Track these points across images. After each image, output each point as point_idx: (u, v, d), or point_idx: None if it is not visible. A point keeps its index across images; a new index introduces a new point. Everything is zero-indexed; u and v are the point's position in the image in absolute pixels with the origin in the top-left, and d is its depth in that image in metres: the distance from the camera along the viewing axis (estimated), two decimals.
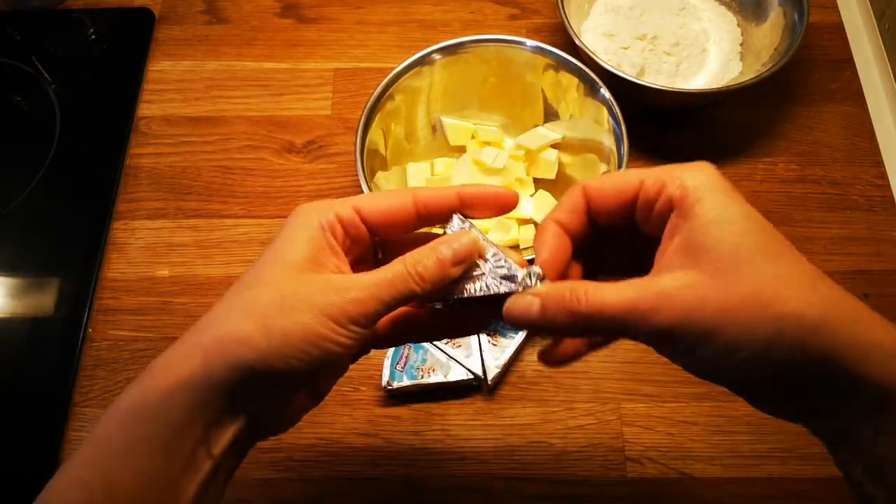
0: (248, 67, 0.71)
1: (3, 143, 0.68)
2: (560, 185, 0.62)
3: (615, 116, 0.56)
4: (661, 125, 0.67)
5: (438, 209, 0.34)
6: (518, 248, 0.60)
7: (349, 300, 0.30)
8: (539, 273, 0.32)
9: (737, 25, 0.70)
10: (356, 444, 0.54)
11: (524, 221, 0.61)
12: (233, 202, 0.64)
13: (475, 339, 0.55)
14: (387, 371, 0.54)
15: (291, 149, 0.67)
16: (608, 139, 0.57)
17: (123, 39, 0.73)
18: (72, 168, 0.66)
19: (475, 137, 0.64)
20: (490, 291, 0.32)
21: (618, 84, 0.59)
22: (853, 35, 0.72)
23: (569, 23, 0.63)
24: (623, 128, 0.55)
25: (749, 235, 0.28)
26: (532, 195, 0.62)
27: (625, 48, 0.67)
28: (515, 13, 0.74)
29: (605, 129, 0.57)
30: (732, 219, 0.28)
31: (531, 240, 0.60)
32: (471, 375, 0.54)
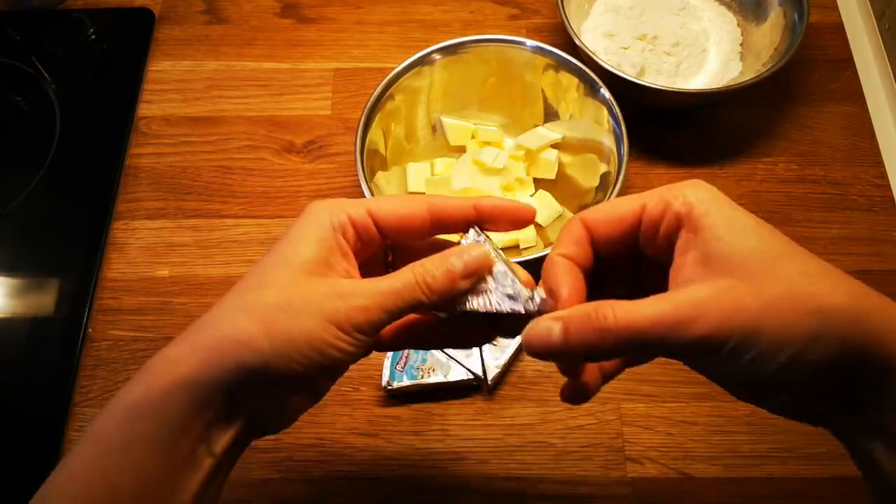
0: (248, 67, 0.72)
1: (3, 143, 0.68)
2: (560, 185, 0.62)
3: (615, 116, 0.56)
4: (661, 125, 0.67)
5: (454, 219, 0.34)
6: (518, 248, 0.60)
7: (355, 308, 0.30)
8: (542, 296, 0.31)
9: (737, 25, 0.70)
10: (356, 444, 0.54)
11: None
12: (233, 202, 0.64)
13: None
14: (387, 371, 0.54)
15: (291, 149, 0.67)
16: (608, 139, 0.57)
17: (123, 39, 0.73)
18: (72, 168, 0.66)
19: (475, 137, 0.64)
20: (492, 309, 0.32)
21: (618, 84, 0.59)
22: (853, 35, 0.72)
23: (569, 23, 0.63)
24: (623, 128, 0.55)
25: (766, 239, 0.28)
26: (532, 195, 0.62)
27: (625, 48, 0.67)
28: (515, 13, 0.74)
29: (605, 129, 0.57)
30: (744, 226, 0.28)
31: (531, 239, 0.60)
32: (471, 375, 0.54)
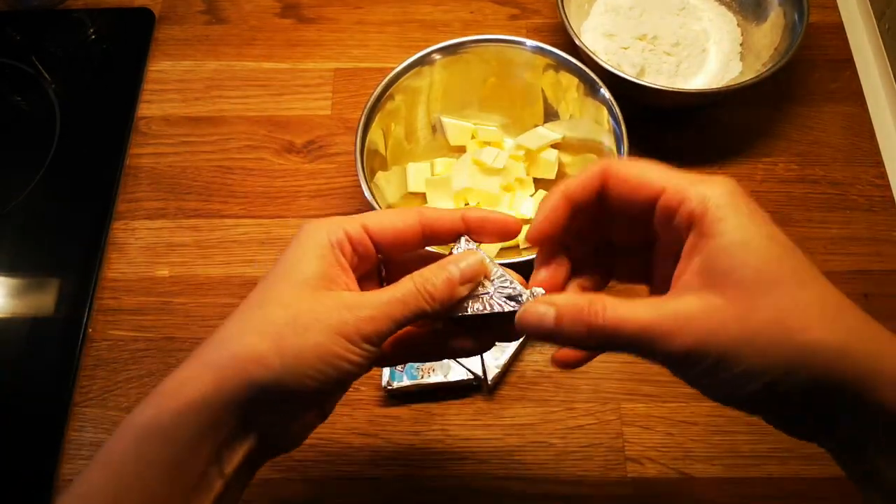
0: (248, 67, 0.72)
1: (3, 143, 0.68)
2: None
3: (615, 116, 0.56)
4: (661, 125, 0.67)
5: (443, 229, 0.34)
6: (518, 248, 0.60)
7: (362, 318, 0.30)
8: (542, 293, 0.33)
9: (737, 25, 0.70)
10: (356, 444, 0.54)
11: (524, 222, 0.61)
12: (233, 202, 0.64)
13: None
14: (387, 371, 0.54)
15: (291, 149, 0.67)
16: (608, 139, 0.57)
17: (123, 39, 0.73)
18: (72, 168, 0.65)
19: (475, 137, 0.64)
20: (494, 310, 0.33)
21: (618, 84, 0.59)
22: (853, 35, 0.72)
23: (569, 23, 0.63)
24: (623, 128, 0.55)
25: (772, 260, 0.27)
26: (532, 195, 0.62)
27: (625, 48, 0.67)
28: (515, 13, 0.74)
29: (605, 129, 0.57)
30: (755, 241, 0.28)
31: None
32: (471, 375, 0.54)
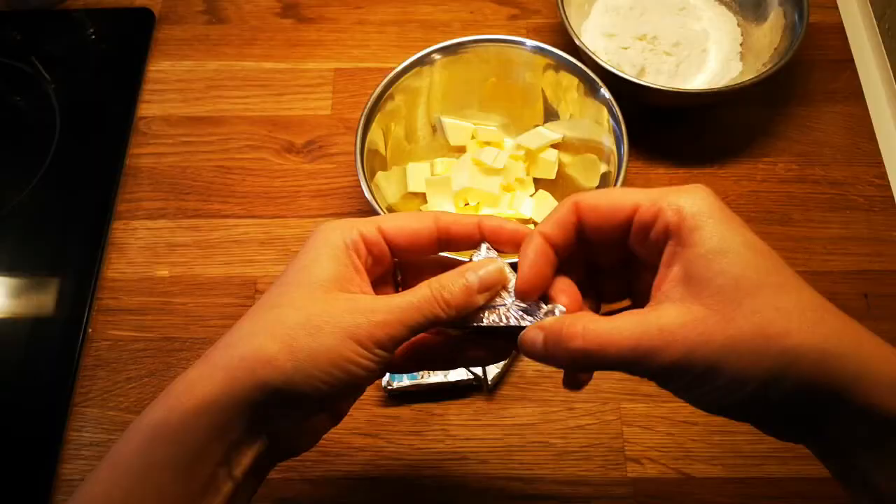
0: (248, 67, 0.72)
1: (3, 143, 0.68)
2: (560, 185, 0.62)
3: (615, 116, 0.56)
4: (661, 125, 0.67)
5: (459, 235, 0.34)
6: None
7: (376, 323, 0.30)
8: (563, 309, 0.31)
9: (737, 25, 0.70)
10: (356, 444, 0.54)
11: (524, 222, 0.61)
12: (233, 202, 0.64)
13: None
14: None
15: (291, 149, 0.67)
16: (608, 139, 0.57)
17: (123, 39, 0.73)
18: (72, 168, 0.65)
19: (475, 137, 0.64)
20: (510, 323, 0.32)
21: (618, 84, 0.59)
22: (853, 35, 0.72)
23: (569, 23, 0.63)
24: (623, 128, 0.55)
25: (750, 267, 0.27)
26: (532, 195, 0.62)
27: (625, 48, 0.67)
28: (515, 13, 0.74)
29: (605, 129, 0.57)
30: (732, 248, 0.28)
31: None
32: (471, 375, 0.54)
